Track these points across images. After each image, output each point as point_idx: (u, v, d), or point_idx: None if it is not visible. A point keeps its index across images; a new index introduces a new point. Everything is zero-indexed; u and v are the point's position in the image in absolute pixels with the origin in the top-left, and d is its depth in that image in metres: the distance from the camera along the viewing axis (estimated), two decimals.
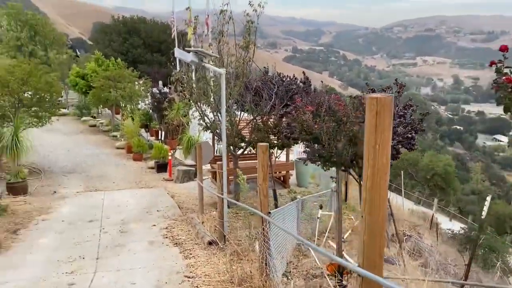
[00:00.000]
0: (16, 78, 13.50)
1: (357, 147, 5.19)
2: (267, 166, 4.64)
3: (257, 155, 4.61)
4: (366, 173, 2.19)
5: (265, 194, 4.65)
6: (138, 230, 8.88)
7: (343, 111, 5.15)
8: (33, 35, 33.81)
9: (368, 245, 2.21)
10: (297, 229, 8.10)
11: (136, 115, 19.29)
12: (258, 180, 4.68)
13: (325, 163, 5.43)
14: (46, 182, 14.09)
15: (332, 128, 5.22)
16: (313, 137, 5.31)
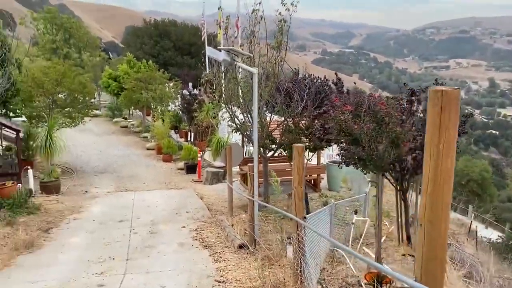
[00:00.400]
0: (50, 79, 13.78)
1: (399, 149, 4.89)
2: (302, 168, 4.41)
3: (292, 156, 4.39)
4: (426, 175, 1.94)
5: (300, 197, 4.43)
6: (168, 231, 8.80)
7: (385, 111, 4.86)
8: (67, 38, 34.71)
9: (428, 257, 1.95)
10: (330, 234, 7.81)
11: (166, 116, 19.39)
12: (293, 183, 4.46)
13: (365, 166, 5.14)
14: (78, 181, 14.29)
15: (373, 129, 4.93)
16: (353, 139, 5.04)
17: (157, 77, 20.70)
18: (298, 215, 4.42)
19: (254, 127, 6.94)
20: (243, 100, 10.08)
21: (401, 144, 4.87)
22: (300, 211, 4.43)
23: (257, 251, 7.11)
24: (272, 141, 9.76)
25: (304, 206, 4.46)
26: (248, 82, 10.12)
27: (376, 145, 4.84)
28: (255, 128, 6.94)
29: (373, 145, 4.86)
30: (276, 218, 10.11)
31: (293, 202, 4.47)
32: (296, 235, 4.47)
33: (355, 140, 5.05)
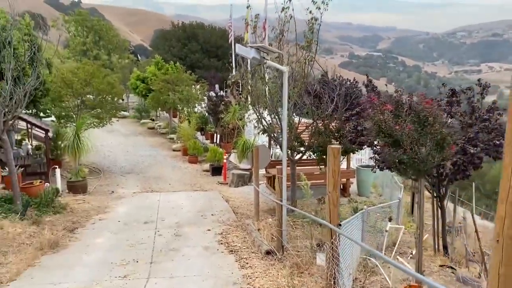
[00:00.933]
0: (79, 79, 13.85)
1: (445, 153, 4.49)
2: (338, 172, 4.09)
3: (327, 158, 4.07)
4: (507, 181, 1.61)
5: (335, 203, 4.10)
6: (193, 234, 8.59)
7: (429, 109, 4.48)
8: (97, 40, 35.31)
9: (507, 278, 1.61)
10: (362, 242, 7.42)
11: (193, 118, 19.32)
12: (328, 187, 4.14)
13: (405, 170, 4.77)
14: (105, 181, 14.32)
15: (414, 130, 4.56)
16: (393, 140, 4.68)
17: (184, 78, 20.68)
18: (332, 222, 4.10)
19: (283, 128, 6.65)
20: (271, 100, 9.80)
21: (446, 147, 4.48)
22: (335, 217, 4.10)
23: (285, 258, 6.80)
24: (301, 144, 9.44)
25: (338, 212, 4.13)
26: (276, 82, 9.84)
27: (419, 147, 4.47)
28: (284, 129, 6.65)
29: (415, 147, 4.48)
30: (303, 223, 9.77)
31: (328, 208, 4.16)
32: (330, 243, 4.14)
33: (396, 142, 4.69)
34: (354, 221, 5.90)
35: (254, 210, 9.73)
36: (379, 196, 12.94)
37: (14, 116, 9.12)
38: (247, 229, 8.70)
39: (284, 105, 6.69)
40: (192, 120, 18.91)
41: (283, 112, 6.68)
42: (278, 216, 6.93)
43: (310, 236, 7.61)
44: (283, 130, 6.65)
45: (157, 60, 25.11)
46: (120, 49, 36.27)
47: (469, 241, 8.78)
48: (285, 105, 6.68)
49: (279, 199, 6.85)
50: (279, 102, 9.85)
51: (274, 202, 12.00)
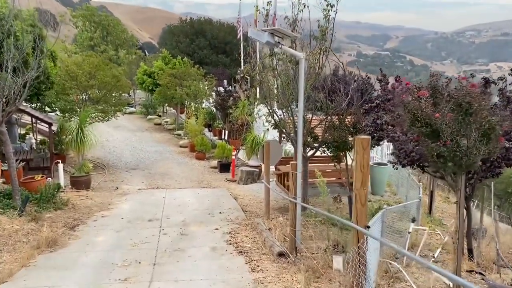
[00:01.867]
0: (84, 72, 13.43)
1: (493, 144, 3.94)
2: (367, 166, 3.57)
3: (355, 151, 3.56)
4: None
5: (363, 202, 3.59)
6: (200, 233, 8.11)
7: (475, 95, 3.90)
8: (105, 35, 34.98)
9: None
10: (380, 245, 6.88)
11: (200, 113, 18.84)
12: (355, 184, 3.62)
13: (444, 165, 4.22)
14: (110, 177, 13.88)
15: (454, 119, 4.00)
16: (431, 131, 4.12)
17: (192, 73, 20.20)
18: (359, 223, 3.58)
19: (299, 121, 6.12)
20: (283, 94, 9.28)
21: (494, 138, 3.92)
22: (362, 218, 3.58)
23: (299, 261, 6.29)
24: (314, 139, 8.90)
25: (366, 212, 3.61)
26: (288, 74, 9.32)
27: (461, 138, 3.93)
28: (300, 122, 6.12)
29: (457, 139, 3.93)
30: (316, 222, 9.28)
31: (355, 207, 3.63)
32: (356, 247, 3.62)
33: (433, 133, 4.13)
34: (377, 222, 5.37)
35: (264, 209, 9.24)
36: (393, 195, 12.37)
37: (13, 107, 8.67)
38: (257, 228, 8.20)
39: (300, 95, 6.16)
40: (200, 115, 18.42)
41: (299, 104, 6.15)
42: (291, 215, 6.41)
43: (325, 237, 7.09)
44: (299, 123, 6.13)
45: (164, 54, 24.67)
46: (128, 44, 35.89)
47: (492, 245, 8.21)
48: (301, 95, 6.15)
49: (293, 197, 6.34)
50: (291, 96, 9.34)
51: (286, 200, 11.50)
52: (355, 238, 3.70)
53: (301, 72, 6.07)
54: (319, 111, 9.71)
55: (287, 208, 10.98)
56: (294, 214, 6.36)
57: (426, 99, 4.26)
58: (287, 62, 9.16)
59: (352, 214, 3.71)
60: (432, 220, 10.12)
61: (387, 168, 12.15)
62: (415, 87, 4.55)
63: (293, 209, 6.37)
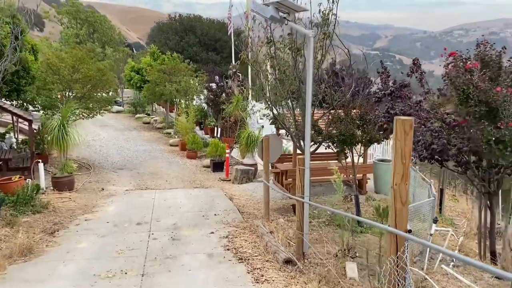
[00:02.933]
0: (66, 65, 12.55)
1: None
2: (409, 155, 2.83)
3: (395, 136, 2.81)
4: None
5: (404, 200, 2.85)
6: (193, 238, 7.32)
7: None
8: (91, 32, 33.92)
9: None
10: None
11: (191, 110, 18.01)
12: (395, 178, 2.88)
13: (502, 152, 3.51)
14: (95, 178, 13.02)
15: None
16: (488, 110, 3.41)
17: (182, 68, 19.34)
18: (399, 227, 2.84)
19: (307, 109, 5.37)
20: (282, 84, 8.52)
21: None
22: (402, 221, 2.85)
23: (308, 268, 5.54)
24: (318, 132, 8.16)
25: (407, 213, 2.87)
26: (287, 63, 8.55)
27: None
28: (308, 109, 5.37)
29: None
30: (320, 224, 8.55)
31: (393, 207, 2.89)
32: (395, 257, 2.87)
33: (490, 113, 3.42)
34: None
35: (264, 209, 8.49)
36: None
37: None
38: (257, 231, 7.44)
39: (309, 78, 5.40)
40: (191, 112, 17.58)
41: (307, 89, 5.40)
42: (298, 216, 5.66)
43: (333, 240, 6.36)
44: (307, 112, 5.38)
45: (152, 50, 23.75)
46: (115, 42, 34.86)
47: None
48: (310, 78, 5.39)
49: (301, 196, 5.59)
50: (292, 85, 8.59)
51: (285, 200, 10.76)
52: (392, 244, 2.95)
53: (310, 52, 5.32)
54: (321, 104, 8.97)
55: (287, 208, 10.27)
56: (302, 216, 5.62)
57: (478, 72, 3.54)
58: (287, 49, 8.40)
59: (390, 215, 2.97)
60: (443, 219, 9.45)
61: (390, 166, 11.47)
62: (461, 58, 3.82)
63: (301, 210, 5.62)
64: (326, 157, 11.89)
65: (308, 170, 5.50)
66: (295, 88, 8.53)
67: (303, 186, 5.54)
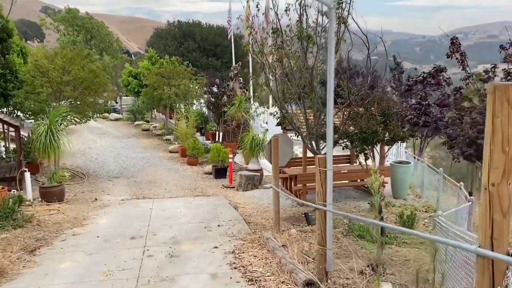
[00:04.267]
0: (55, 66, 11.66)
1: None
2: None
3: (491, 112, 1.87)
4: None
5: (506, 209, 1.89)
6: (194, 254, 6.36)
7: None
8: (89, 38, 33.15)
9: None
10: None
11: (191, 114, 17.07)
12: (491, 175, 1.93)
13: None
14: (89, 187, 12.07)
15: None
16: None
17: (181, 71, 18.44)
18: (497, 247, 1.88)
19: (329, 98, 4.42)
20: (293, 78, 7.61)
21: None
22: (502, 239, 1.89)
23: None
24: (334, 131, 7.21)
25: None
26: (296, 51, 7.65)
27: None
28: (330, 97, 4.42)
29: None
30: (336, 234, 7.58)
31: (485, 220, 1.94)
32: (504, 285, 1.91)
33: None
34: None
35: (274, 219, 7.51)
36: (418, 199, 10.70)
37: None
38: (267, 245, 6.46)
39: (330, 65, 4.46)
40: (191, 117, 16.64)
41: (329, 73, 4.45)
42: (320, 228, 4.69)
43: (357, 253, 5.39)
44: (329, 103, 4.43)
45: (150, 54, 22.88)
46: (113, 48, 34.08)
47: None
48: (331, 65, 4.45)
49: (322, 204, 4.62)
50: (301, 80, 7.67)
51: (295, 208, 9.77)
52: (485, 273, 1.99)
53: (331, 26, 4.38)
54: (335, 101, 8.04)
55: (298, 217, 9.28)
56: (324, 227, 4.65)
57: None
58: (295, 39, 7.49)
59: (480, 231, 2.01)
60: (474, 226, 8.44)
61: (410, 167, 10.50)
62: None
63: (322, 220, 4.66)
64: (336, 160, 10.95)
65: (331, 172, 4.54)
66: (306, 82, 7.62)
67: (325, 191, 4.58)
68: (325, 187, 4.59)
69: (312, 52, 7.32)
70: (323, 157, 4.58)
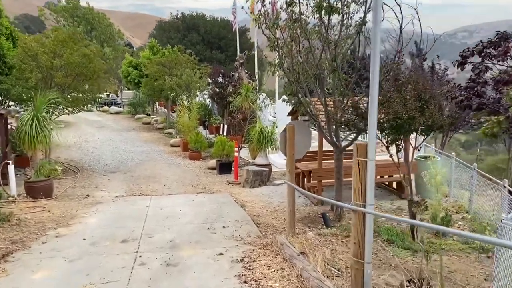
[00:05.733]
0: (45, 49, 10.62)
1: None
2: None
3: None
4: None
5: None
6: (196, 262, 5.32)
7: None
8: (89, 30, 32.06)
9: None
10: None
11: (194, 105, 16.01)
12: None
13: None
14: (82, 182, 11.07)
15: None
16: None
17: (183, 60, 17.36)
18: None
19: (374, 69, 3.35)
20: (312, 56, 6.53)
21: None
22: None
23: None
24: (362, 117, 6.13)
25: None
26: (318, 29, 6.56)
27: None
28: (375, 74, 3.35)
29: None
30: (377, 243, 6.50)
31: None
32: None
33: None
34: None
35: (288, 221, 6.44)
36: (444, 198, 9.61)
37: None
38: (282, 252, 5.41)
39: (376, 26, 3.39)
40: (193, 108, 15.58)
41: (373, 46, 3.39)
42: (356, 236, 3.63)
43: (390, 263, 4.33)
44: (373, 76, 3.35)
45: (151, 43, 21.80)
46: (114, 39, 32.97)
47: None
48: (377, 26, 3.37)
49: (360, 204, 3.56)
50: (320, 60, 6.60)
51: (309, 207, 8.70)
52: None
53: None
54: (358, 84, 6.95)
55: (313, 218, 8.21)
56: (362, 235, 3.59)
57: None
58: (315, 10, 6.40)
59: None
60: None
61: (437, 163, 9.42)
62: None
63: (360, 226, 3.59)
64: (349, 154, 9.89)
65: (373, 163, 3.48)
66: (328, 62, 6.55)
67: (364, 188, 3.52)
68: (365, 182, 3.53)
69: (335, 26, 6.25)
70: (364, 144, 3.52)
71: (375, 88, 3.45)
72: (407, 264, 5.43)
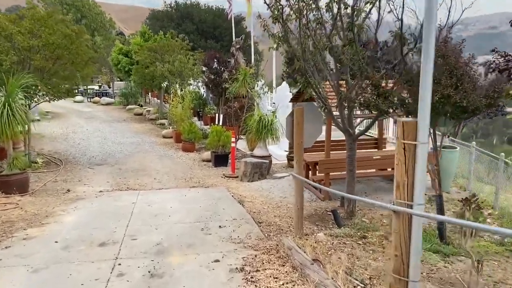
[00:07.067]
0: (21, 29, 9.58)
1: None
2: None
3: None
4: None
5: None
6: (186, 272, 4.39)
7: None
8: (79, 18, 30.93)
9: None
10: None
11: (187, 93, 15.01)
12: None
13: None
14: (64, 175, 10.09)
15: None
16: None
17: (176, 45, 16.30)
18: None
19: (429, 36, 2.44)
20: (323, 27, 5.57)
21: None
22: None
23: None
24: (384, 98, 5.17)
25: None
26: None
27: None
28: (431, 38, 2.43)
29: None
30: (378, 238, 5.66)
31: None
32: None
33: None
34: None
35: (295, 219, 5.51)
36: (462, 191, 8.73)
37: None
38: (291, 258, 4.48)
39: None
40: (187, 96, 14.57)
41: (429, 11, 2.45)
42: (398, 245, 2.70)
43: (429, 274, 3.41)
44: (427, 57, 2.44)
45: (143, 29, 20.70)
46: (105, 28, 31.86)
47: None
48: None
49: (405, 204, 2.63)
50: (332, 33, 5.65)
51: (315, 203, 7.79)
52: None
53: None
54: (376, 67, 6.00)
55: (320, 215, 7.28)
56: (407, 244, 2.66)
57: None
58: None
59: None
60: None
61: (456, 153, 8.53)
62: None
63: (403, 231, 2.67)
64: (360, 145, 8.96)
65: (425, 147, 2.55)
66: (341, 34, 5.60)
67: (412, 182, 2.58)
68: (413, 174, 2.58)
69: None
70: (412, 122, 2.57)
71: (430, 56, 2.50)
72: (440, 273, 4.53)
